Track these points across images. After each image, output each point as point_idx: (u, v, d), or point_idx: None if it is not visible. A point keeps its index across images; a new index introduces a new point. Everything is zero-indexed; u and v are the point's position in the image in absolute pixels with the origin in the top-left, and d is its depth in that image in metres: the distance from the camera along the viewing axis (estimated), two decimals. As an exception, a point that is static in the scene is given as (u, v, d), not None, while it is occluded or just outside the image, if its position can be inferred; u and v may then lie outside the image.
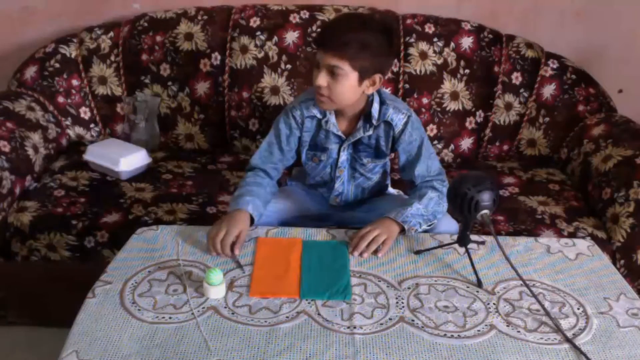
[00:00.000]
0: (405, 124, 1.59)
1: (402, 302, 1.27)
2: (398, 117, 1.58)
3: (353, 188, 1.71)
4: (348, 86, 1.48)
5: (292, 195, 1.75)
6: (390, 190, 1.81)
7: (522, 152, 2.35)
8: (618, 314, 1.25)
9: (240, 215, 1.49)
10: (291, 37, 2.24)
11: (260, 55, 2.24)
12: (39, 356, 1.80)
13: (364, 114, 1.58)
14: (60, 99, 2.28)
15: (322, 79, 1.46)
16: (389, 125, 1.59)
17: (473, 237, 1.44)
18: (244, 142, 2.31)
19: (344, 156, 1.64)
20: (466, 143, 2.31)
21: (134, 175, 2.08)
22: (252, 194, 1.55)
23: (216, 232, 1.43)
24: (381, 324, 1.21)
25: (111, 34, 2.30)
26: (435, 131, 2.27)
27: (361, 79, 1.48)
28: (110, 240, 1.80)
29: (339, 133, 1.61)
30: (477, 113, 2.29)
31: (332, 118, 1.59)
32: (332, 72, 1.45)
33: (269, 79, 2.25)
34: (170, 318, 1.21)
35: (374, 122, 1.57)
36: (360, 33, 1.45)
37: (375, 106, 1.57)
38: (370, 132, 1.59)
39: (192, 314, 1.22)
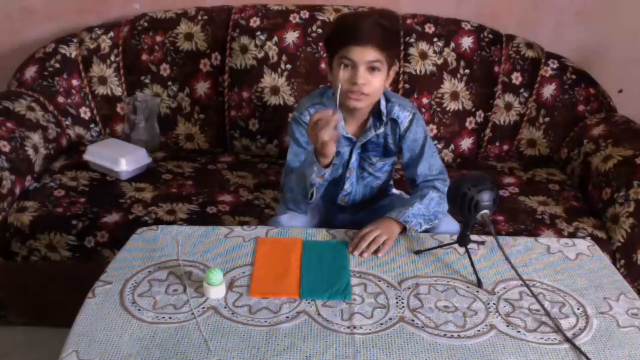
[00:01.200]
0: (411, 121, 1.58)
1: (402, 302, 1.27)
2: (404, 114, 1.58)
3: (361, 188, 1.71)
4: (382, 80, 1.49)
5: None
6: (393, 190, 1.81)
7: (522, 152, 2.35)
8: (618, 314, 1.25)
9: None
10: (291, 37, 2.24)
11: (260, 55, 2.24)
12: (39, 356, 1.80)
13: (373, 113, 1.58)
14: (60, 99, 2.28)
15: (365, 77, 1.45)
16: (395, 122, 1.59)
17: (473, 237, 1.43)
18: (244, 142, 2.31)
19: (354, 157, 1.64)
20: (466, 143, 2.31)
21: (134, 175, 2.08)
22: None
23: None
24: (381, 324, 1.21)
25: (111, 34, 2.30)
26: (435, 131, 2.27)
27: (387, 72, 1.49)
28: (110, 240, 1.80)
29: (349, 135, 1.60)
30: (477, 113, 2.29)
31: (341, 121, 1.58)
32: (372, 67, 1.45)
33: (269, 79, 2.25)
34: (170, 318, 1.21)
35: (384, 119, 1.57)
36: (386, 24, 1.47)
37: (383, 103, 1.57)
38: (381, 130, 1.59)
39: (192, 314, 1.22)
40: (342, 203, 1.73)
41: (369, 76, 1.46)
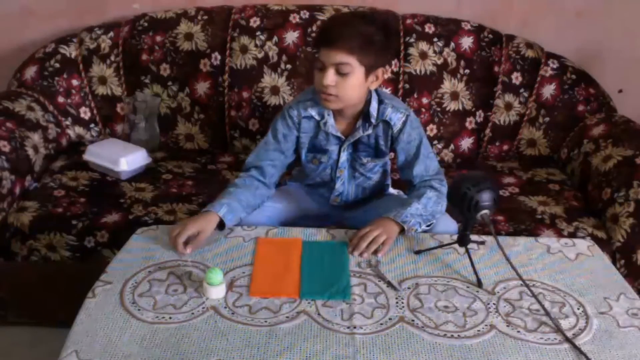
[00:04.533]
0: (404, 123, 1.58)
1: (402, 302, 1.27)
2: (397, 116, 1.58)
3: (353, 188, 1.71)
4: (356, 83, 1.48)
5: (292, 195, 1.75)
6: (391, 190, 1.81)
7: (522, 152, 2.35)
8: (618, 314, 1.25)
9: (206, 215, 1.48)
10: (291, 37, 2.24)
11: (260, 55, 2.24)
12: (39, 356, 1.80)
13: (363, 114, 1.58)
14: (60, 99, 2.28)
15: (330, 79, 1.45)
16: (387, 124, 1.59)
17: (473, 237, 1.43)
18: (244, 142, 2.31)
19: (344, 157, 1.64)
20: (466, 143, 2.31)
21: (134, 175, 2.08)
22: (231, 196, 1.54)
23: (176, 229, 1.43)
24: (381, 324, 1.21)
25: (111, 34, 2.30)
26: (435, 131, 2.27)
27: (367, 74, 1.49)
28: (110, 240, 1.80)
29: (338, 134, 1.61)
30: (477, 113, 2.29)
31: (331, 119, 1.58)
32: (340, 70, 1.45)
33: (269, 79, 2.25)
34: (170, 318, 1.21)
35: (373, 121, 1.57)
36: (364, 27, 1.46)
37: (374, 105, 1.57)
38: (370, 131, 1.59)
39: (192, 314, 1.22)
40: (335, 203, 1.73)
41: (338, 78, 1.46)
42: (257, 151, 1.66)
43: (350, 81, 1.47)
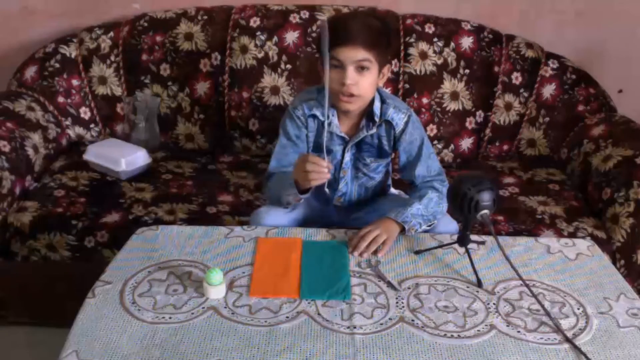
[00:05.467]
0: (406, 123, 1.58)
1: (402, 302, 1.27)
2: (399, 116, 1.58)
3: (357, 188, 1.71)
4: (373, 80, 1.48)
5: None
6: (392, 190, 1.81)
7: (522, 152, 2.35)
8: (618, 314, 1.25)
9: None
10: (291, 37, 2.24)
11: (260, 55, 2.24)
12: (39, 356, 1.80)
13: (366, 113, 1.58)
14: (60, 99, 2.28)
15: (353, 77, 1.45)
16: (389, 124, 1.59)
17: (473, 237, 1.43)
18: (244, 142, 2.31)
19: (347, 157, 1.64)
20: (466, 143, 2.31)
21: (134, 175, 2.08)
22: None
23: (303, 161, 1.42)
24: (381, 324, 1.21)
25: (111, 34, 2.30)
26: (435, 131, 2.27)
27: (379, 71, 1.49)
28: (110, 240, 1.80)
29: (342, 134, 1.60)
30: (477, 113, 2.29)
31: (335, 120, 1.58)
32: (361, 67, 1.45)
33: (269, 79, 2.25)
34: (170, 318, 1.21)
35: (377, 119, 1.57)
36: (374, 23, 1.47)
37: (377, 104, 1.57)
38: (373, 130, 1.59)
39: (192, 314, 1.22)
40: (338, 203, 1.73)
41: (358, 76, 1.46)
42: (276, 157, 1.63)
43: (369, 78, 1.47)
